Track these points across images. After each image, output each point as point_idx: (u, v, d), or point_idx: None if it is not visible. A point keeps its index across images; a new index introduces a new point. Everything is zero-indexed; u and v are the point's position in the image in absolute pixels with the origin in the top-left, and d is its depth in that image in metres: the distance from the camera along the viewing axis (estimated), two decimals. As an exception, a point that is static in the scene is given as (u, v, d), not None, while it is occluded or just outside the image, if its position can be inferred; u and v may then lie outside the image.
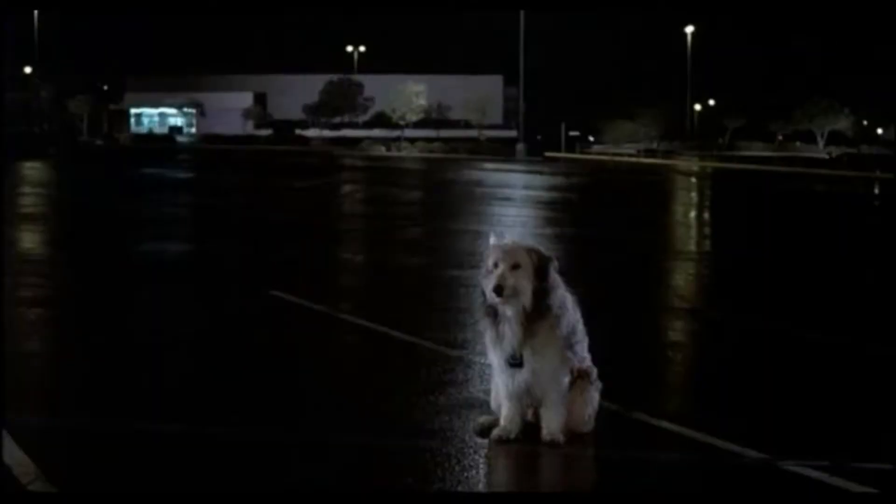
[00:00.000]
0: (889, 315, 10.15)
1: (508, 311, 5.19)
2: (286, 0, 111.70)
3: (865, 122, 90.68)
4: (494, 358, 5.42)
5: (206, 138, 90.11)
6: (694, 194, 35.98)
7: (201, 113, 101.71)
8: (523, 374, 5.31)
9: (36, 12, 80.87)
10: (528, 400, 5.43)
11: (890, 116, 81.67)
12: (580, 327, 5.48)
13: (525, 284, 5.14)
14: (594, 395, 5.53)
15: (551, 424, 5.37)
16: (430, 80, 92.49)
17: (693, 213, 26.18)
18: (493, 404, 5.65)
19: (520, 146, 72.18)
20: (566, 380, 5.37)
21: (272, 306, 9.52)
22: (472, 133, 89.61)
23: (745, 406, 6.47)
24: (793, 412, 6.32)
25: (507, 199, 27.42)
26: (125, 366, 7.14)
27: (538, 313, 5.21)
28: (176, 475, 4.91)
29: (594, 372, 5.56)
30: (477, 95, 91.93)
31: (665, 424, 5.85)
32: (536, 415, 5.49)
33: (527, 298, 5.14)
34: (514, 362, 5.30)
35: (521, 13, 73.96)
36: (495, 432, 5.44)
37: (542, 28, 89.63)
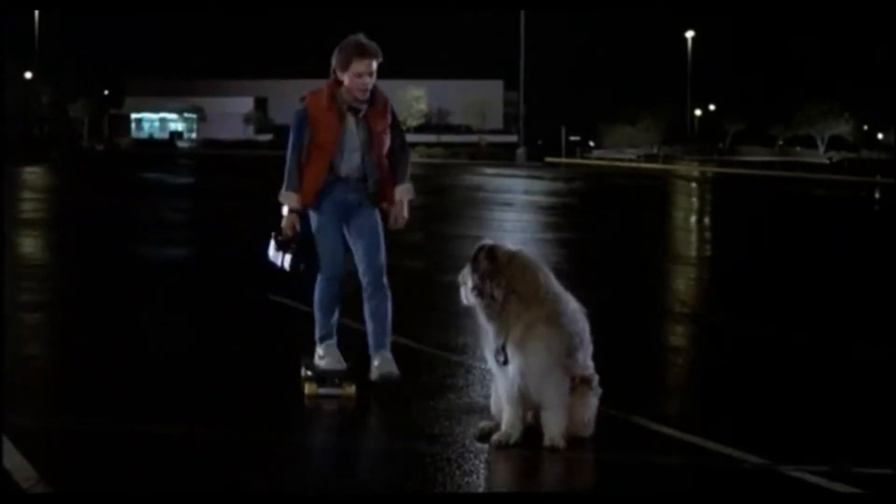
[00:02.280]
0: (889, 320, 10.15)
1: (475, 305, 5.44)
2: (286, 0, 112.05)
3: (866, 127, 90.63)
4: (488, 357, 5.51)
5: (207, 143, 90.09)
6: (694, 199, 35.97)
7: (202, 118, 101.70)
8: (514, 374, 5.36)
9: (37, 15, 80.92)
10: (528, 404, 5.45)
11: (890, 121, 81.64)
12: (585, 336, 5.51)
13: (466, 277, 5.43)
14: (593, 401, 5.56)
15: (552, 429, 5.38)
16: (430, 84, 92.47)
17: (693, 218, 26.18)
18: (493, 409, 5.66)
19: (520, 151, 72.08)
20: (565, 384, 5.38)
21: (271, 310, 9.51)
22: (473, 138, 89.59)
23: (745, 411, 6.47)
24: (793, 417, 6.32)
25: (508, 203, 27.42)
26: (125, 369, 7.13)
27: (516, 307, 5.31)
28: (176, 478, 4.91)
29: (595, 378, 5.58)
30: (477, 100, 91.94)
31: (665, 429, 5.85)
32: (537, 418, 5.50)
33: (466, 289, 5.42)
34: (498, 359, 5.38)
35: (522, 16, 73.95)
36: (495, 437, 5.46)
37: (542, 33, 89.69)
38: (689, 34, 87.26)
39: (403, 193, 6.61)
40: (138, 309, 9.79)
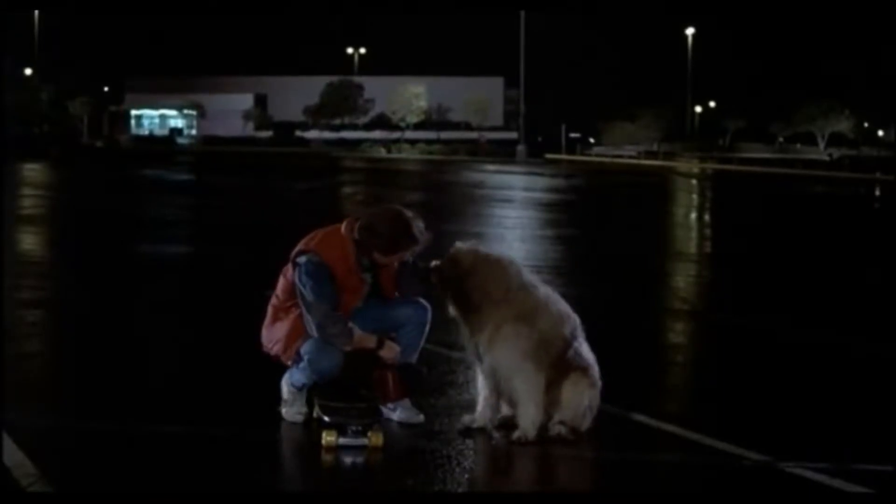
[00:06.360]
0: (889, 316, 10.14)
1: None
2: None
3: (866, 124, 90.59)
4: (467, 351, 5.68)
5: (207, 140, 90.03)
6: (694, 196, 35.96)
7: (202, 115, 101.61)
8: (487, 369, 5.50)
9: (36, 12, 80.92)
10: (505, 397, 5.56)
11: (891, 118, 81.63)
12: (566, 327, 5.49)
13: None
14: (590, 392, 5.53)
15: (523, 423, 5.45)
16: (431, 81, 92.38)
17: (693, 215, 26.17)
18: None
19: (520, 148, 72.10)
20: (538, 379, 5.39)
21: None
22: (473, 135, 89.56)
23: (746, 408, 6.47)
24: (793, 414, 6.32)
25: (508, 200, 27.41)
26: (123, 367, 7.13)
27: (481, 307, 5.43)
28: (176, 477, 4.90)
29: (591, 369, 5.55)
30: (477, 97, 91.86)
31: (666, 426, 5.85)
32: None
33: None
34: (472, 357, 5.55)
35: (522, 14, 73.95)
36: (463, 419, 5.62)
37: (542, 30, 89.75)
38: (690, 31, 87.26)
39: None
40: (136, 306, 9.77)
